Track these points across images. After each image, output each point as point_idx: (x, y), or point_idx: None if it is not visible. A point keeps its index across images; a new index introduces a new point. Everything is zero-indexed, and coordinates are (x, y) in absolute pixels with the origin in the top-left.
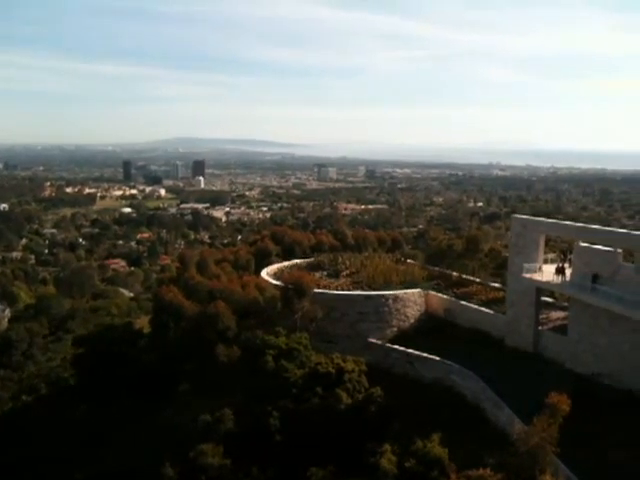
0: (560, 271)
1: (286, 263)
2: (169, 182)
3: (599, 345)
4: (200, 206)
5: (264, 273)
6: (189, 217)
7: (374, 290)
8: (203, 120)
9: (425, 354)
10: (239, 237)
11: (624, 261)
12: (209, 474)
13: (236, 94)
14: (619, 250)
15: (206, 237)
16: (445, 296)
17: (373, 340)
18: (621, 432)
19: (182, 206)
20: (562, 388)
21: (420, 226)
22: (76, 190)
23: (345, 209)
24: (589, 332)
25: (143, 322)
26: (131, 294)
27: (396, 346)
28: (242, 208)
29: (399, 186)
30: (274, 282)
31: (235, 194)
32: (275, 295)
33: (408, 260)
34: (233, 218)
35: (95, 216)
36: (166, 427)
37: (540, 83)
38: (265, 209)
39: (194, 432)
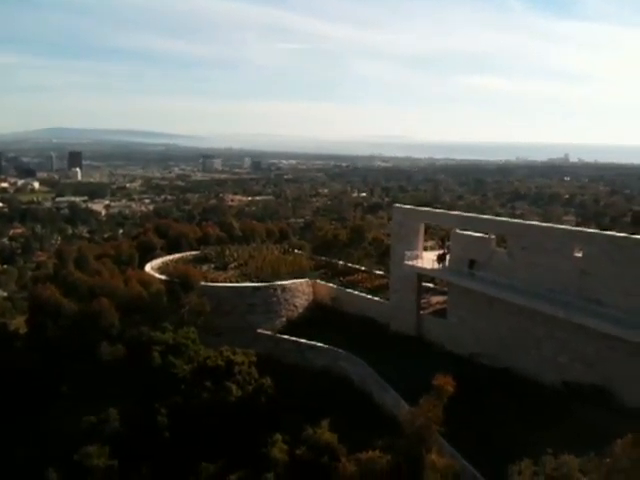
0: (442, 258)
1: (171, 257)
2: (43, 174)
3: (477, 327)
4: (78, 199)
5: (148, 267)
6: (66, 211)
7: (262, 281)
8: (79, 110)
9: (314, 342)
10: (121, 231)
11: (498, 247)
12: (95, 476)
13: (116, 84)
14: (493, 236)
15: (85, 232)
16: (332, 285)
17: (263, 331)
18: (499, 410)
19: (58, 199)
20: (444, 369)
21: (306, 217)
22: None
23: (231, 201)
24: (467, 315)
25: (19, 322)
26: (5, 294)
27: (286, 336)
28: (123, 201)
29: (285, 177)
30: (159, 276)
31: (115, 186)
32: (160, 290)
33: (295, 251)
34: (114, 211)
35: None
36: (49, 431)
37: (419, 79)
38: (148, 201)
39: (78, 434)
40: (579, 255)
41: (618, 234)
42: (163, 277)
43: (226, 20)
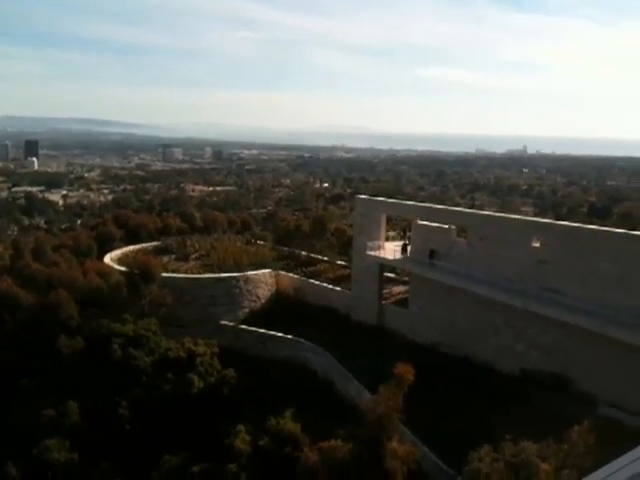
0: (405, 249)
1: (131, 247)
2: None
3: (437, 316)
4: (34, 189)
5: (107, 258)
6: (22, 201)
7: (224, 272)
8: (35, 99)
9: (277, 333)
10: (79, 221)
11: (458, 237)
12: (55, 470)
13: (72, 73)
14: (453, 227)
15: (42, 222)
16: (295, 275)
17: (225, 322)
18: (459, 398)
19: (14, 189)
20: (405, 358)
21: (269, 207)
22: None
23: (193, 191)
24: (428, 304)
25: None
26: None
27: (248, 327)
28: (81, 191)
29: (247, 167)
30: (119, 267)
31: (73, 176)
32: (120, 281)
33: (258, 241)
34: (71, 202)
35: None
36: (8, 426)
37: (379, 70)
38: (107, 191)
39: (38, 428)
40: (536, 245)
41: (574, 224)
42: (123, 268)
43: (185, 9)
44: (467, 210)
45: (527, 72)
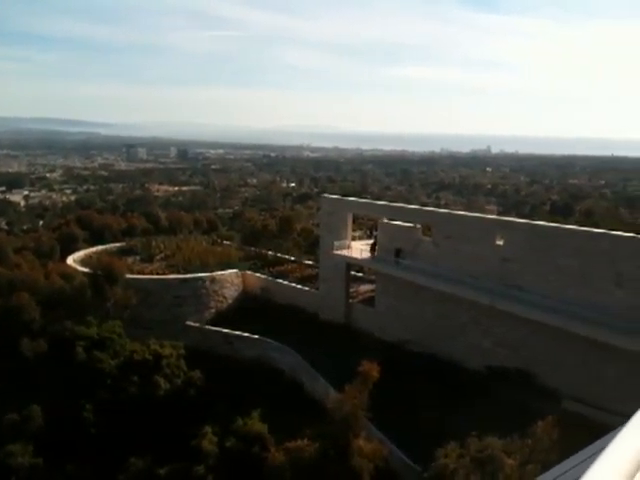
0: (374, 248)
1: (95, 249)
2: None
3: (404, 314)
4: None
5: (71, 260)
6: None
7: (190, 273)
8: None
9: (244, 333)
10: (41, 222)
11: (424, 236)
12: (20, 475)
13: (33, 71)
14: (419, 226)
15: (3, 223)
16: (262, 275)
17: (191, 323)
18: (426, 395)
19: None
20: (373, 356)
21: (235, 207)
22: None
23: (157, 191)
24: (395, 303)
25: None
26: None
27: (215, 327)
28: (43, 191)
29: (213, 167)
30: (82, 269)
31: (35, 176)
32: (84, 283)
33: (224, 241)
34: (33, 202)
35: None
36: None
37: (345, 69)
38: (69, 192)
39: (1, 433)
40: (500, 243)
41: (537, 222)
42: (86, 270)
43: (149, 6)
44: (433, 209)
45: (492, 72)
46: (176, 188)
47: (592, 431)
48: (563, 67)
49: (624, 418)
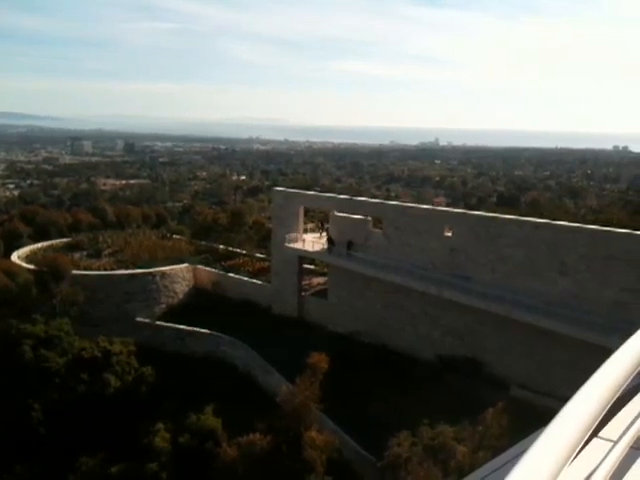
0: (332, 241)
1: (40, 245)
2: None
3: (356, 306)
4: None
5: (15, 257)
6: None
7: (139, 268)
8: None
9: (195, 328)
10: None
11: (374, 228)
12: None
13: None
14: (369, 218)
15: None
16: (213, 270)
17: (141, 319)
18: (378, 385)
19: None
20: (325, 348)
21: (185, 201)
22: None
23: (104, 185)
24: (347, 295)
25: None
26: None
27: (166, 323)
28: None
29: (161, 160)
30: (27, 266)
31: None
32: (29, 280)
33: (174, 235)
34: None
35: None
36: None
37: (293, 62)
38: (12, 187)
39: None
40: (449, 234)
41: (484, 214)
42: (31, 267)
43: None
44: (383, 201)
45: (438, 66)
46: (123, 182)
47: (539, 417)
48: (513, 61)
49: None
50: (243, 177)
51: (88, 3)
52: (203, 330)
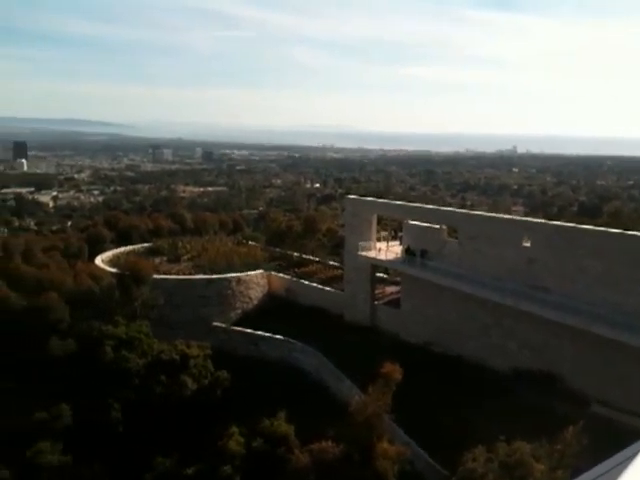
0: (409, 251)
1: (122, 249)
2: None
3: (429, 316)
4: (24, 190)
5: (98, 260)
6: (12, 202)
7: (216, 274)
8: (17, 99)
9: (268, 334)
10: (69, 223)
11: (449, 237)
12: (49, 472)
13: (50, 70)
14: (444, 227)
15: (32, 224)
16: (286, 276)
17: (217, 324)
18: (449, 396)
19: (4, 191)
20: (397, 358)
21: (260, 208)
22: None
23: (183, 192)
24: (420, 304)
25: None
26: None
27: (240, 328)
28: (71, 192)
29: (238, 168)
30: (110, 269)
31: (63, 177)
32: (111, 283)
33: (249, 242)
34: (62, 203)
35: None
36: None
37: (361, 69)
38: (97, 193)
39: (30, 431)
40: (527, 244)
41: (564, 224)
42: (114, 270)
43: (164, 6)
44: (458, 210)
45: (511, 71)
46: (201, 189)
47: (620, 436)
48: (587, 66)
49: None
50: (317, 185)
51: (159, 11)
52: (276, 336)
